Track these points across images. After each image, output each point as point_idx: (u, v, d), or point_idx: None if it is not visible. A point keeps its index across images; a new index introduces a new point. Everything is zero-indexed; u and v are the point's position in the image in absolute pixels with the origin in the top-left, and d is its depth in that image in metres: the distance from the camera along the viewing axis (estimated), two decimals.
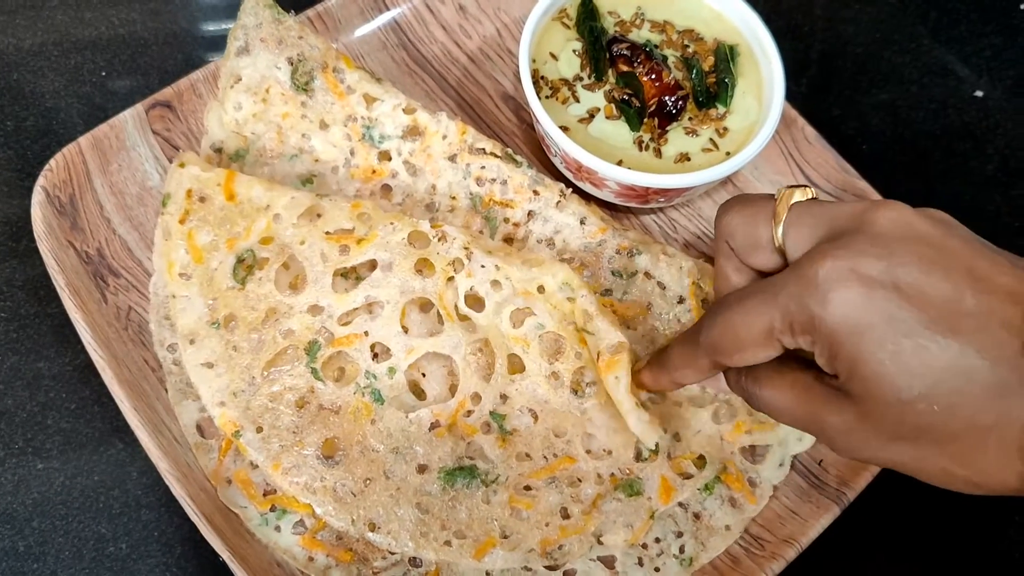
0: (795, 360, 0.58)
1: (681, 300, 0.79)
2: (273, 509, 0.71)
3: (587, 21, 0.84)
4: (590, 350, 0.73)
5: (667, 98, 0.80)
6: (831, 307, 0.51)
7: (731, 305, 0.58)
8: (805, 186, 0.59)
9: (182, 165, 0.78)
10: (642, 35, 0.85)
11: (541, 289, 0.74)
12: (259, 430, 0.72)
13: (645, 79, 0.81)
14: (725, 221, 0.62)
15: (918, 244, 0.51)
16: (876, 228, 0.52)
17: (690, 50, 0.84)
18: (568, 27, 0.85)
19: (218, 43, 1.00)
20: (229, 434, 0.72)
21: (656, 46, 0.84)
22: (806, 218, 0.57)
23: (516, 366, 0.74)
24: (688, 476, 0.73)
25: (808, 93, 0.98)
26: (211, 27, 1.01)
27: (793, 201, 0.58)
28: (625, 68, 0.82)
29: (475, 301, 0.75)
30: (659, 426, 0.71)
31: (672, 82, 0.81)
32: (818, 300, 0.51)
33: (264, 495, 0.72)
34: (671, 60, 0.83)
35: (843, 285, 0.51)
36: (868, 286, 0.50)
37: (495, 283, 0.75)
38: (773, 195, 0.60)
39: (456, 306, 0.75)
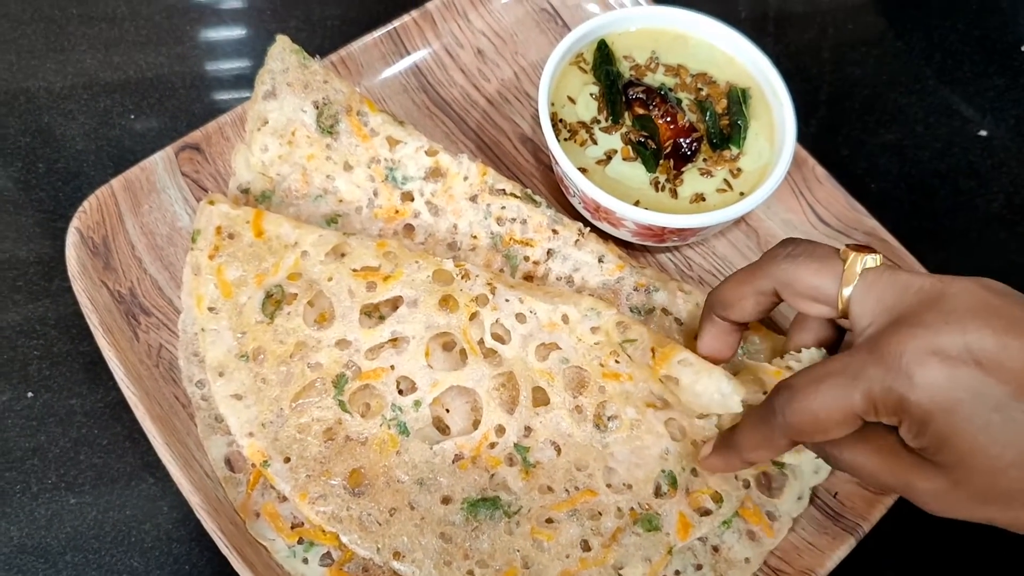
0: (875, 425, 0.59)
1: (698, 336, 0.81)
2: (300, 542, 0.73)
3: (603, 65, 0.86)
4: (633, 356, 0.76)
5: (682, 140, 0.83)
6: (918, 389, 0.53)
7: (806, 390, 0.58)
8: (871, 249, 0.61)
9: (211, 202, 0.81)
10: (657, 78, 0.87)
11: (565, 319, 0.76)
12: (287, 460, 0.73)
13: (660, 121, 0.84)
14: (784, 268, 0.65)
15: (989, 316, 0.53)
16: (949, 304, 0.54)
17: (703, 93, 0.87)
18: (585, 71, 0.88)
19: (243, 86, 1.03)
20: (258, 464, 0.73)
21: (671, 89, 0.86)
22: (877, 287, 0.59)
23: (541, 399, 0.76)
24: (706, 512, 0.75)
25: (817, 133, 1.01)
26: (236, 70, 1.04)
27: (865, 267, 0.60)
28: (641, 111, 0.85)
29: (501, 334, 0.77)
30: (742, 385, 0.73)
31: (687, 124, 0.83)
32: (904, 382, 0.53)
33: (292, 528, 0.73)
34: (685, 103, 0.85)
35: (927, 366, 0.53)
36: (951, 365, 0.52)
37: (520, 316, 0.77)
38: (836, 249, 0.63)
39: (482, 340, 0.77)
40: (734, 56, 0.88)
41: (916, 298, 0.56)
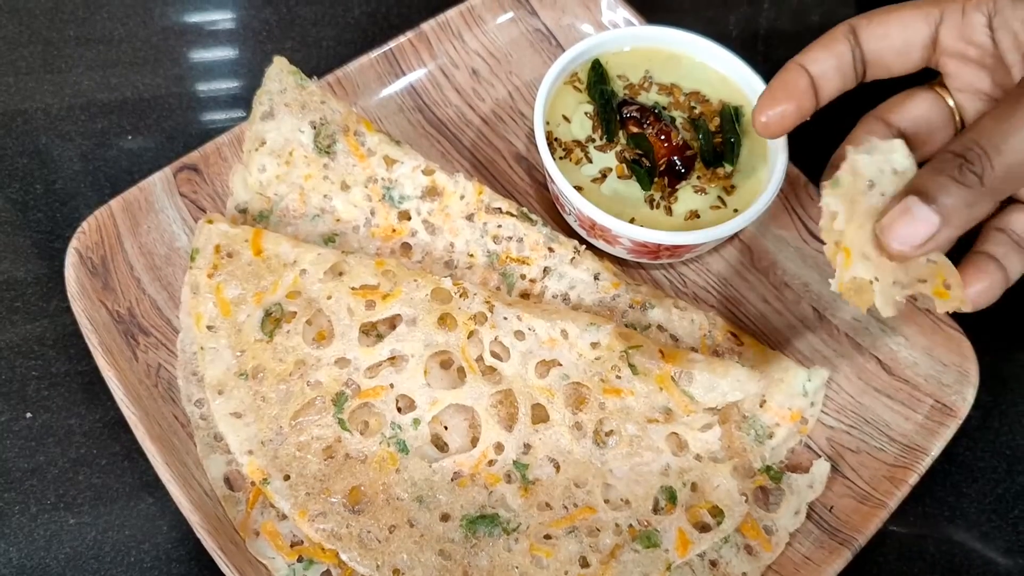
0: None
1: (694, 351, 0.81)
2: (300, 560, 0.73)
3: (598, 85, 0.87)
4: (640, 361, 0.77)
5: (676, 158, 0.84)
6: None
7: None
8: None
9: (210, 222, 0.81)
10: (650, 97, 0.88)
11: (565, 334, 0.77)
12: (286, 478, 0.74)
13: (655, 140, 0.84)
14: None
15: None
16: None
17: (696, 111, 0.88)
18: (579, 90, 0.89)
19: (240, 106, 1.03)
20: (257, 482, 0.74)
21: (664, 108, 0.87)
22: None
23: (540, 416, 0.77)
24: (705, 528, 0.75)
25: (809, 150, 1.01)
26: (233, 91, 1.05)
27: None
28: (635, 129, 0.85)
29: (499, 352, 0.78)
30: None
31: (680, 142, 0.84)
32: None
33: (292, 546, 0.74)
34: (679, 121, 0.86)
35: None
36: None
37: (518, 333, 0.78)
38: None
39: (480, 357, 0.77)
40: (726, 75, 0.89)
41: None
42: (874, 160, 0.64)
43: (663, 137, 0.84)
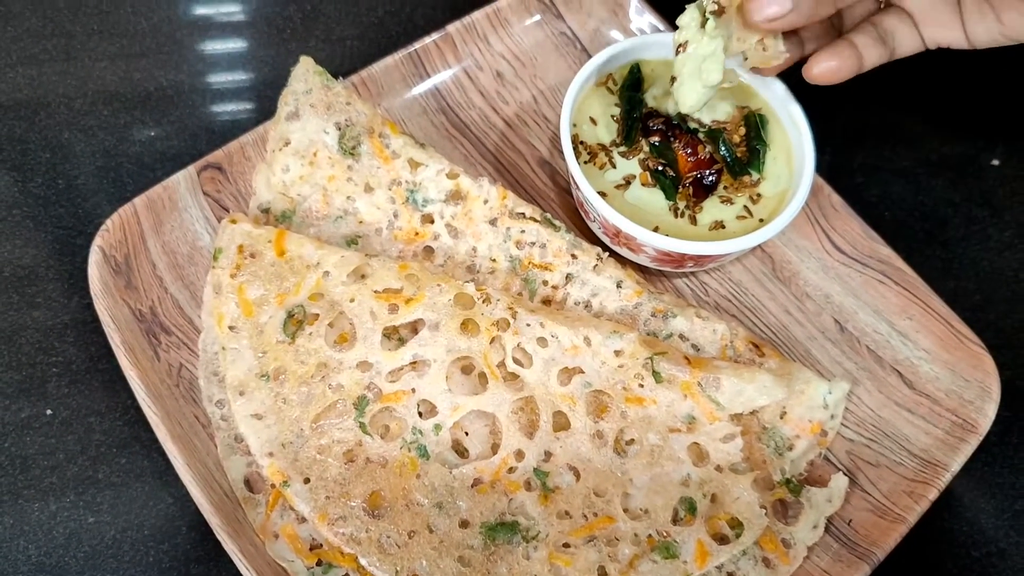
0: None
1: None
2: (319, 563, 0.73)
3: (629, 90, 0.87)
4: (665, 367, 0.77)
5: (703, 172, 0.83)
6: None
7: None
8: None
9: (234, 221, 0.81)
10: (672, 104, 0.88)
11: (588, 341, 0.77)
12: (307, 481, 0.74)
13: (681, 153, 0.84)
14: None
15: None
16: None
17: (721, 121, 0.87)
18: (612, 92, 0.88)
19: (263, 103, 1.03)
20: (277, 484, 0.74)
21: (685, 117, 0.86)
22: None
23: (561, 424, 0.76)
24: (724, 540, 0.75)
25: (833, 160, 1.01)
26: (256, 88, 1.05)
27: None
28: (658, 139, 0.85)
29: (522, 359, 0.78)
30: None
31: (707, 156, 0.84)
32: None
33: (311, 549, 0.74)
34: (700, 133, 0.85)
35: None
36: None
37: (541, 340, 0.78)
38: None
39: (503, 364, 0.77)
40: (751, 84, 0.89)
41: None
42: None
43: (690, 150, 0.84)
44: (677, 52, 0.79)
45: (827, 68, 0.80)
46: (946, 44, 0.81)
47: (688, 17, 0.78)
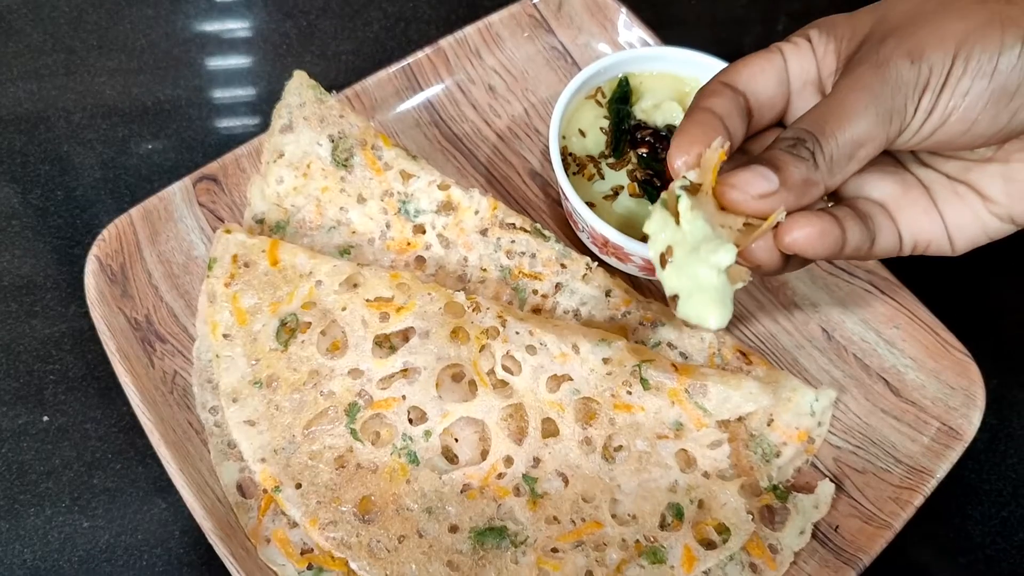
0: None
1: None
2: (310, 567, 0.74)
3: (617, 102, 0.88)
4: (652, 375, 0.78)
5: None
6: None
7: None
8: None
9: (228, 231, 0.83)
10: (661, 115, 0.89)
11: (576, 349, 0.78)
12: (298, 486, 0.75)
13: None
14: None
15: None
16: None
17: None
18: (601, 105, 0.90)
19: (258, 117, 1.05)
20: (269, 489, 0.75)
21: (673, 128, 0.88)
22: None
23: (550, 430, 0.77)
24: (711, 545, 0.76)
25: None
26: (252, 102, 1.06)
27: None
28: (645, 151, 0.86)
29: (511, 366, 0.79)
30: None
31: None
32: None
33: (302, 553, 0.74)
34: None
35: None
36: None
37: (530, 348, 0.79)
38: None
39: (492, 371, 0.78)
40: None
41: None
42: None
43: None
44: (663, 265, 0.62)
45: (807, 235, 0.62)
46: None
47: (658, 218, 0.61)
